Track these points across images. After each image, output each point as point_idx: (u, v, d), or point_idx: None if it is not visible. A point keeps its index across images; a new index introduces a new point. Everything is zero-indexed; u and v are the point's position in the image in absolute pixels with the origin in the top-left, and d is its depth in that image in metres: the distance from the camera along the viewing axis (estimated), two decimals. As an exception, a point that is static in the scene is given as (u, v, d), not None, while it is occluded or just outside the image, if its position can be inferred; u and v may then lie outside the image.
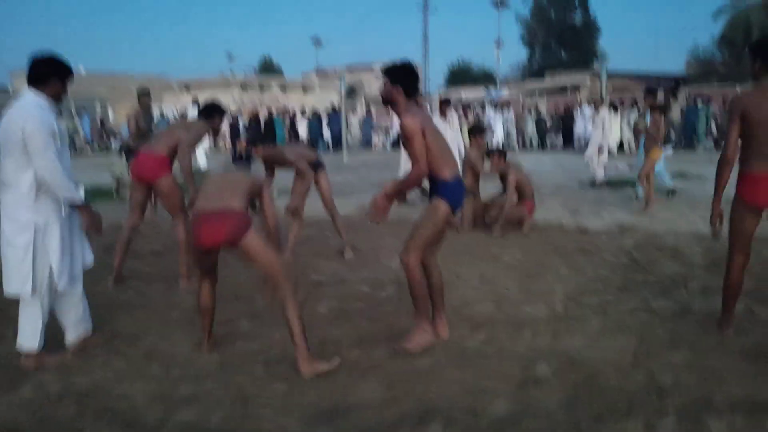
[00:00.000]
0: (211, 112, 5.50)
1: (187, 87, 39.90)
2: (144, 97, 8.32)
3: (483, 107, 24.58)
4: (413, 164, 3.75)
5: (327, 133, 23.87)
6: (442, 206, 3.82)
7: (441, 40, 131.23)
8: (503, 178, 7.56)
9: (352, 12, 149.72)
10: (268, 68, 66.16)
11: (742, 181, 3.76)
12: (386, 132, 24.79)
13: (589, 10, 53.64)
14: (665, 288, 5.03)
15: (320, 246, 6.84)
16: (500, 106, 22.75)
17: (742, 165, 3.76)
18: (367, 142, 25.06)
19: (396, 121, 22.77)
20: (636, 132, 9.15)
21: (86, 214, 3.63)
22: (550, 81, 40.94)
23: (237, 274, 5.36)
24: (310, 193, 6.35)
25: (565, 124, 21.93)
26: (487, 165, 7.63)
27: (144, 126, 7.99)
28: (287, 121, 23.73)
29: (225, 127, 24.29)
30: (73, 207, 3.62)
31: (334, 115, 23.33)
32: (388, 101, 3.84)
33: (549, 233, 7.32)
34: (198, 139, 5.34)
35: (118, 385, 3.34)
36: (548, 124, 23.30)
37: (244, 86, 39.50)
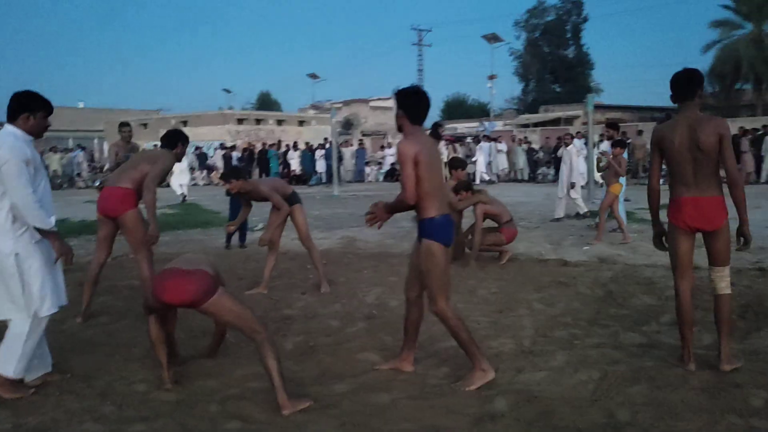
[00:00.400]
0: (173, 140, 5.46)
1: (184, 122, 40.10)
2: (124, 128, 8.28)
3: (477, 140, 24.74)
4: (401, 190, 3.65)
5: (321, 166, 23.99)
6: (434, 248, 3.71)
7: (436, 74, 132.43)
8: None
9: (349, 48, 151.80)
10: (267, 103, 66.73)
11: (669, 205, 3.96)
12: (379, 164, 24.91)
13: (582, 44, 54.32)
14: (637, 321, 5.01)
15: (298, 279, 6.82)
16: (480, 138, 22.94)
17: (670, 191, 3.97)
18: (359, 174, 25.17)
19: (389, 153, 22.99)
20: (599, 167, 9.18)
21: (57, 243, 3.64)
22: (543, 114, 41.32)
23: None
24: (290, 225, 6.36)
25: (556, 156, 22.02)
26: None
27: (123, 158, 7.98)
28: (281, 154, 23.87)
29: (219, 160, 24.50)
30: (45, 235, 3.64)
31: (328, 147, 23.46)
32: (398, 126, 3.81)
33: (528, 266, 7.31)
34: (165, 171, 5.32)
35: (67, 426, 3.30)
36: (540, 156, 23.45)
37: (240, 120, 39.75)
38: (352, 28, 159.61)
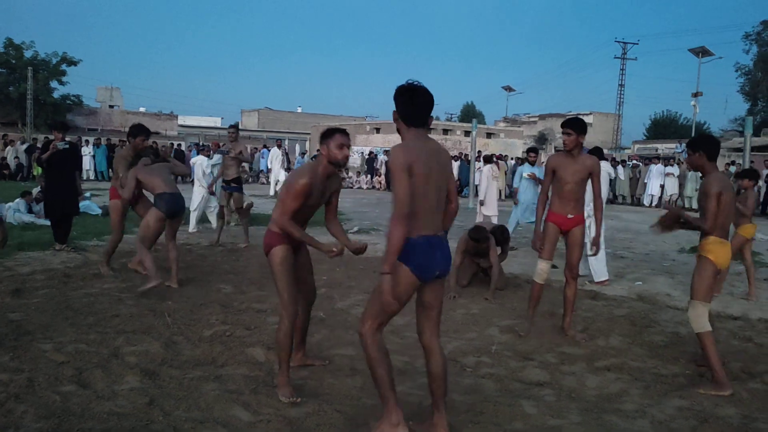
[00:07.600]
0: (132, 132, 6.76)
1: (377, 129, 42.30)
2: (230, 129, 9.53)
3: (676, 161, 22.54)
4: (393, 212, 3.02)
5: (477, 178, 23.76)
6: (400, 271, 3.09)
7: (639, 89, 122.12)
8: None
9: (549, 60, 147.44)
10: (470, 114, 67.48)
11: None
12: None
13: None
14: (542, 362, 4.63)
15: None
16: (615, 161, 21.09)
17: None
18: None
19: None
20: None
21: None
22: (762, 138, 36.49)
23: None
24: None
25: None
26: None
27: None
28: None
29: (382, 164, 25.54)
30: None
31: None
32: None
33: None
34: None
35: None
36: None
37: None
38: (553, 41, 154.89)
